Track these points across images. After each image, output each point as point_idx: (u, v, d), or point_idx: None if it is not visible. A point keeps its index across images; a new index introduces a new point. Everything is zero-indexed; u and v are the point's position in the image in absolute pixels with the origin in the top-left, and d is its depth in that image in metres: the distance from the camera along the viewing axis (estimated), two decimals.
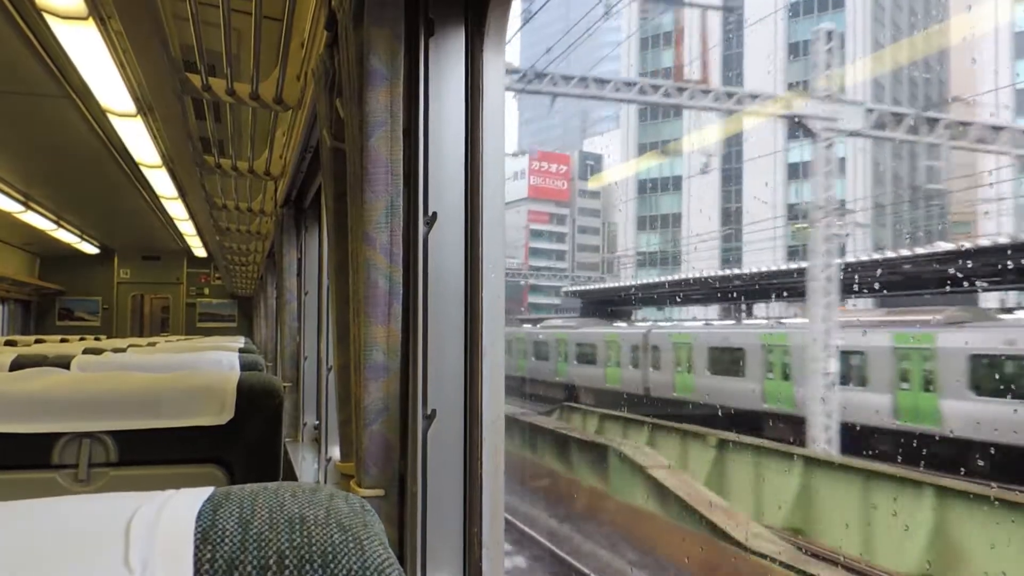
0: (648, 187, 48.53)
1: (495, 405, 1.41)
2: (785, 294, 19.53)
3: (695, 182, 42.89)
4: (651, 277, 37.60)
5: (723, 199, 43.01)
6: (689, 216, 44.46)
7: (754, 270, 21.44)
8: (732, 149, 41.87)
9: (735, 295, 22.36)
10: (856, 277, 14.95)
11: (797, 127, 14.27)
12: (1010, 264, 12.25)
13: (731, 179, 42.52)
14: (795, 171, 36.75)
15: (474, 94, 1.43)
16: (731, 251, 39.15)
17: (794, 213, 34.26)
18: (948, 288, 13.90)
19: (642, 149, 49.59)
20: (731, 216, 41.60)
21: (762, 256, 29.56)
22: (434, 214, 1.41)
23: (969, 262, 12.98)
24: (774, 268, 21.00)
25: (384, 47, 1.33)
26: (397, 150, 1.36)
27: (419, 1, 1.39)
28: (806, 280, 13.51)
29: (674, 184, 46.71)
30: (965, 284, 13.45)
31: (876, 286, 15.78)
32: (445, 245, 1.42)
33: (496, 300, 1.42)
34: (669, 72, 45.27)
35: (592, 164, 63.59)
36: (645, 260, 47.69)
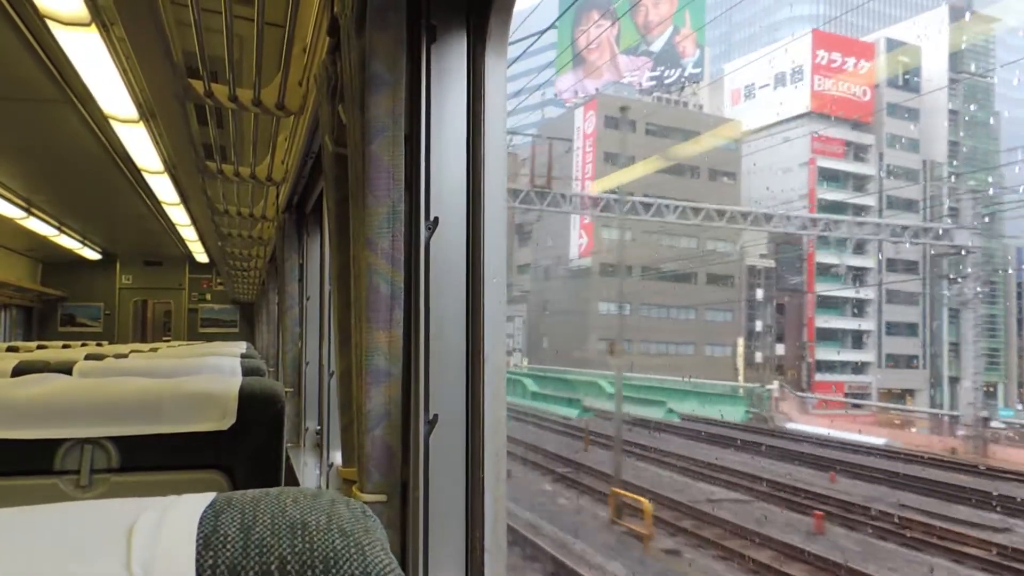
0: None
1: (497, 409, 1.41)
2: None
3: None
4: None
5: None
6: None
7: None
8: None
9: None
10: None
11: None
12: None
13: None
14: None
15: (476, 99, 1.43)
16: None
17: None
18: None
19: None
20: None
21: None
22: (436, 219, 1.41)
23: None
24: None
25: (386, 53, 1.34)
26: (399, 155, 1.36)
27: (421, 7, 1.40)
28: None
29: None
30: None
31: None
32: (447, 250, 1.42)
33: (498, 304, 1.42)
34: None
35: (906, 60, 37.48)
36: None
